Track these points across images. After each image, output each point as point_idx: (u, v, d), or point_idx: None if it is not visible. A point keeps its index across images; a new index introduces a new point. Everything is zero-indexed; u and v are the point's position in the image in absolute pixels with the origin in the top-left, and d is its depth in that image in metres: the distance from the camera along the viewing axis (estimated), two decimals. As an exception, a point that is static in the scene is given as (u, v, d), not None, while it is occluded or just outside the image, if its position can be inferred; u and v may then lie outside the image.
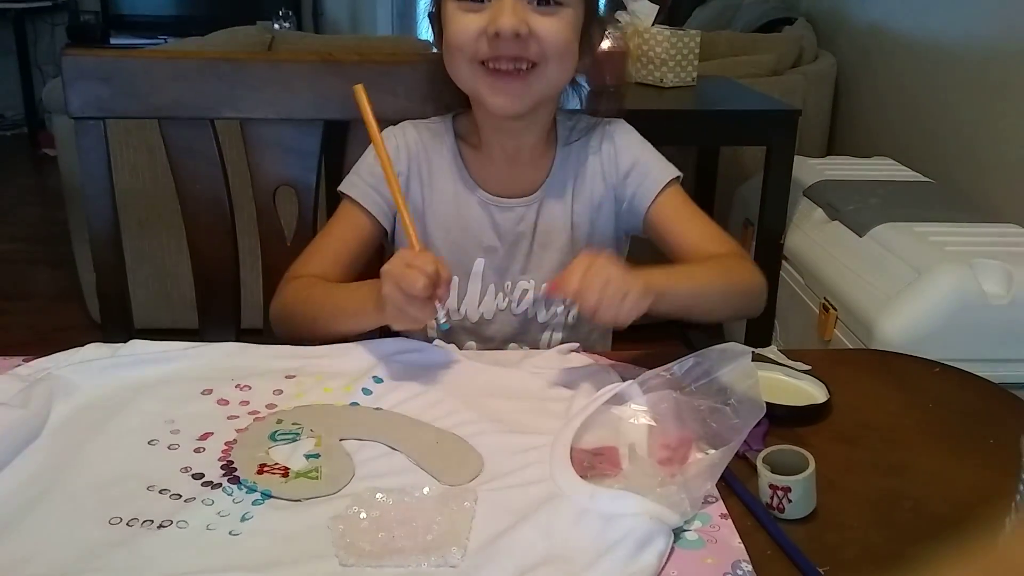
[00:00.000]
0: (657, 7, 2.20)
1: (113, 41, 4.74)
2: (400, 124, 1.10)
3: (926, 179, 2.16)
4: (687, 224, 1.03)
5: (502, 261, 1.06)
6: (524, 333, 1.08)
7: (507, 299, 1.07)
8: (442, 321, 0.86)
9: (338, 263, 1.04)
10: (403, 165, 1.06)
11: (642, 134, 1.10)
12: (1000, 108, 2.12)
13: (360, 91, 0.89)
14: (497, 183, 1.06)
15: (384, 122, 1.17)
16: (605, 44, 1.51)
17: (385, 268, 0.85)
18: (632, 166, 1.06)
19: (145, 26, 4.79)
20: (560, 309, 1.08)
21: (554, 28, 0.93)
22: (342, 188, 1.07)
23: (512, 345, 1.07)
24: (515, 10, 0.91)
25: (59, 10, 4.90)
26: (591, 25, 0.99)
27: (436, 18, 1.00)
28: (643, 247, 1.10)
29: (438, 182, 1.06)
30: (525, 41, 0.92)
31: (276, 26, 4.16)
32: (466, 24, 0.94)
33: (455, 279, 1.06)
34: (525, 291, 1.06)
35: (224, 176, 1.19)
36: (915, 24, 2.57)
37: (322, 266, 1.03)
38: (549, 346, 1.05)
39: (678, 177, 1.06)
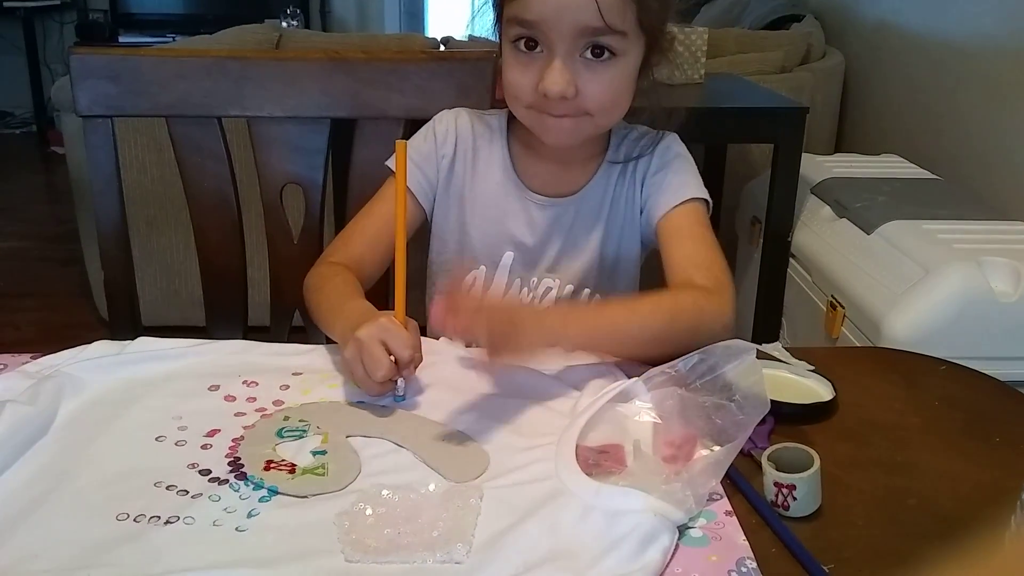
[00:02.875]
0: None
1: (121, 39, 4.76)
2: (455, 109, 1.11)
3: (934, 176, 2.15)
4: (682, 243, 1.00)
5: (531, 257, 1.07)
6: None
7: (531, 294, 1.07)
8: (399, 394, 0.83)
9: (378, 244, 1.03)
10: (449, 148, 1.07)
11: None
12: (1009, 105, 2.11)
13: (401, 146, 0.85)
14: (542, 181, 1.06)
15: (390, 120, 1.18)
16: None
17: (359, 333, 0.80)
18: (658, 178, 1.04)
19: (153, 24, 4.82)
20: None
21: (603, 85, 0.93)
22: (388, 163, 1.06)
23: None
24: (564, 70, 0.91)
25: (68, 9, 4.93)
26: (652, 55, 0.97)
27: (498, 32, 0.98)
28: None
29: (482, 170, 1.07)
30: (573, 100, 0.92)
31: (284, 24, 4.17)
32: (519, 76, 0.94)
33: (482, 268, 1.07)
34: (549, 289, 1.07)
35: (231, 174, 1.19)
36: (923, 21, 2.56)
37: (360, 248, 1.03)
38: None
39: (703, 200, 1.03)
